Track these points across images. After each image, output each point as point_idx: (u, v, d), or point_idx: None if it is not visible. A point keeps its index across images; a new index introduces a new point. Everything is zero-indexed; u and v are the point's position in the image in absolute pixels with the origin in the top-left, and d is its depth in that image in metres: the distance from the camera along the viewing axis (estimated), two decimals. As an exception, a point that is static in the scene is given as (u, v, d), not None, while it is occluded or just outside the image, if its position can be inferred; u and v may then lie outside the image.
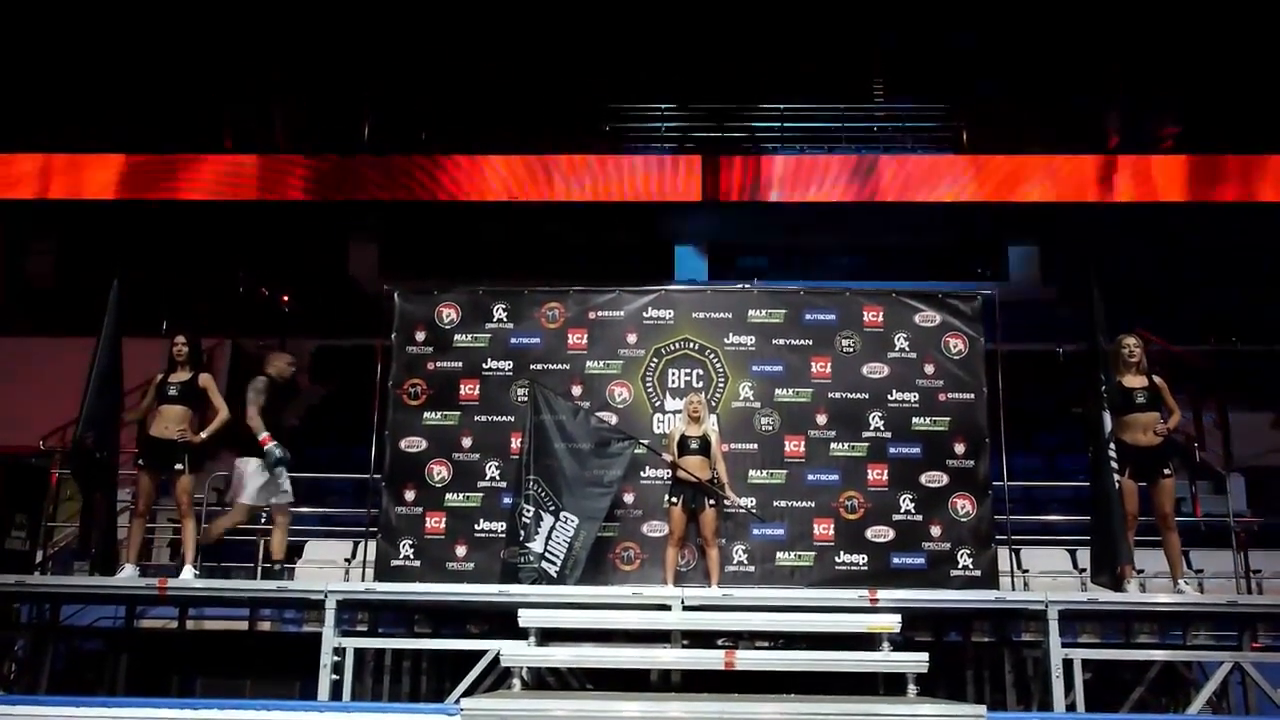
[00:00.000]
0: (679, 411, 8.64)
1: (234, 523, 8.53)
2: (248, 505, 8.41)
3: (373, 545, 8.87)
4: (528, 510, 8.13)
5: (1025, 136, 17.77)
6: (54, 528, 10.21)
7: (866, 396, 8.87)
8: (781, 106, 18.42)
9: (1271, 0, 16.83)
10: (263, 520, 10.40)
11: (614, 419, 8.77)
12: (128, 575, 7.89)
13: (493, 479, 8.82)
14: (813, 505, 8.69)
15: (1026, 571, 9.67)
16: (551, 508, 8.17)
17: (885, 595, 7.37)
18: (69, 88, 18.47)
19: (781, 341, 9.03)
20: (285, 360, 8.77)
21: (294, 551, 10.42)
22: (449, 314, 9.17)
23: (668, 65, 18.95)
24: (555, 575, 8.00)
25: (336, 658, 7.16)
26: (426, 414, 8.97)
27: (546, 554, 8.05)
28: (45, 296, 17.77)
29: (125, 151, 17.75)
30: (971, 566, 8.52)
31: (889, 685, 7.32)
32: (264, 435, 8.22)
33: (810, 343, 9.01)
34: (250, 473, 8.32)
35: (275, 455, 8.23)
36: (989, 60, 18.70)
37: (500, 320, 9.15)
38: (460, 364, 9.06)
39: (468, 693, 6.96)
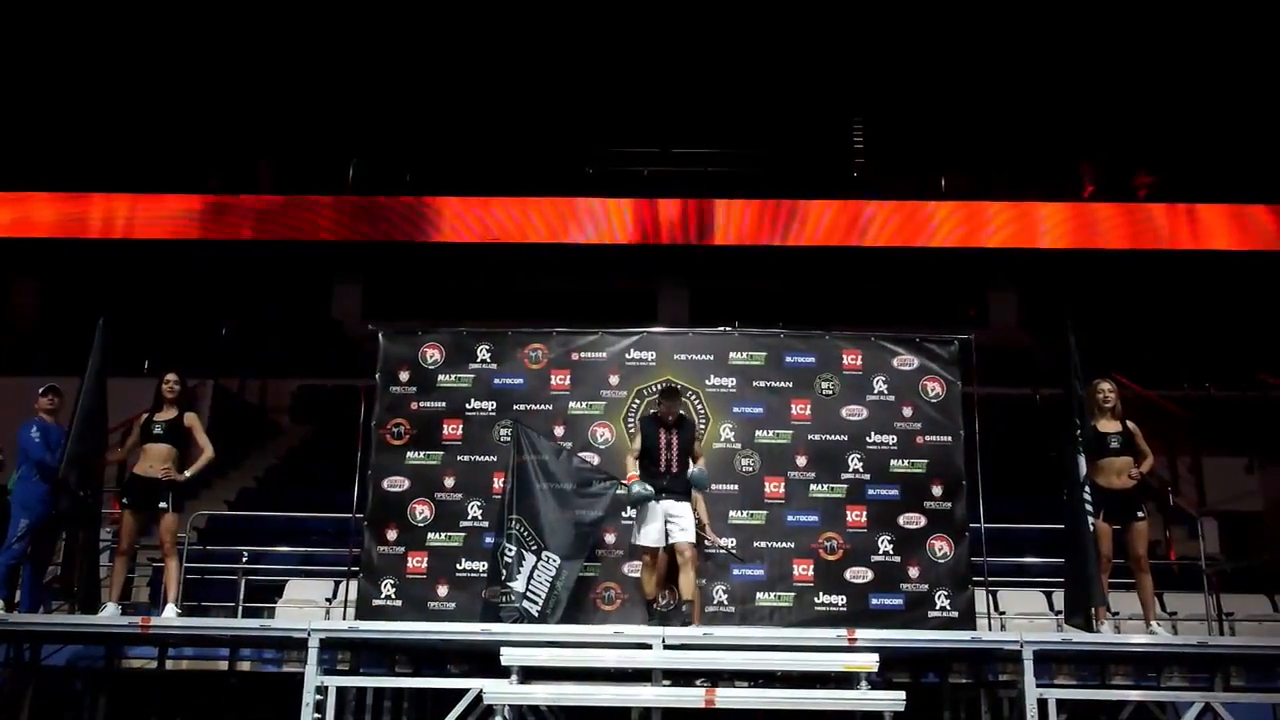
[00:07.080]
0: (660, 452, 8.66)
1: None
2: None
3: (354, 585, 8.84)
4: (510, 550, 8.13)
5: (1002, 184, 18.11)
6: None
7: (845, 438, 8.92)
8: (762, 151, 18.70)
9: (1243, 51, 17.26)
10: (244, 560, 10.47)
11: (596, 459, 8.78)
12: (110, 614, 7.89)
13: (475, 519, 8.81)
14: (792, 546, 8.71)
15: (1003, 613, 9.75)
16: (534, 547, 8.19)
17: (863, 635, 7.39)
18: (49, 129, 18.57)
19: (762, 384, 9.07)
20: None
21: (274, 591, 10.44)
22: (433, 354, 9.20)
23: (650, 109, 19.20)
24: (537, 615, 8.00)
25: (319, 697, 7.15)
26: (409, 454, 8.97)
27: (528, 593, 8.06)
28: (26, 335, 17.74)
29: (110, 191, 17.86)
30: (949, 608, 8.56)
31: (867, 725, 7.37)
32: None
33: (790, 385, 9.06)
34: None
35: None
36: (967, 108, 19.02)
37: (484, 361, 9.19)
38: (444, 404, 9.08)
39: (449, 732, 6.97)
